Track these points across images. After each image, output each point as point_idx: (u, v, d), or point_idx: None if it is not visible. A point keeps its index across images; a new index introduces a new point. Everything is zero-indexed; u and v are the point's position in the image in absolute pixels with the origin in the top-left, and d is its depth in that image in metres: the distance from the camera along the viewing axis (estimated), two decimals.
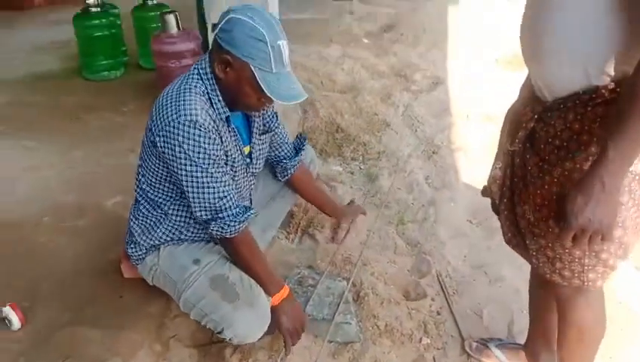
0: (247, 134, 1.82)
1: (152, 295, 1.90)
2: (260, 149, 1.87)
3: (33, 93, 3.77)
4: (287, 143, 2.03)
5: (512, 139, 1.40)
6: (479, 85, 4.01)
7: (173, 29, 3.33)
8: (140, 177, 1.75)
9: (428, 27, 5.29)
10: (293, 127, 3.33)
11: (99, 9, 4.07)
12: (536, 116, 1.30)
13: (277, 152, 2.02)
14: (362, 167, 3.09)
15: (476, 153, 3.17)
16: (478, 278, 2.25)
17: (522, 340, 1.83)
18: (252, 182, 1.89)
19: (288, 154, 2.04)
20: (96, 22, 4.04)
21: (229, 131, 1.67)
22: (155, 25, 4.07)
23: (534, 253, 1.38)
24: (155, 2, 4.28)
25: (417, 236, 2.48)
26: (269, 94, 1.50)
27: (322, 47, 4.67)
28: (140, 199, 1.78)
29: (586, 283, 1.32)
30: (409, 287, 2.17)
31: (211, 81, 1.59)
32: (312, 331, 1.90)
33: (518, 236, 1.47)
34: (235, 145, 1.71)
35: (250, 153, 1.83)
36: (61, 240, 2.21)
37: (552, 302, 1.64)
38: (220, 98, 1.60)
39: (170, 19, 3.33)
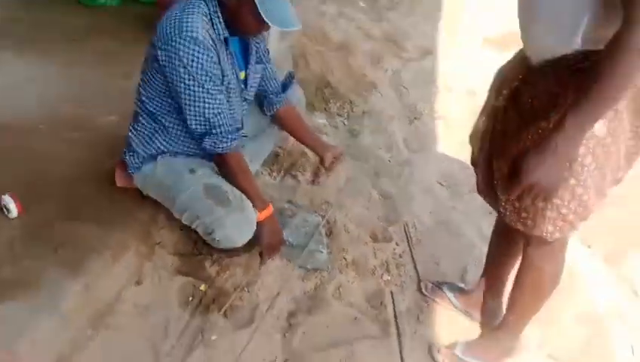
0: (243, 61, 1.93)
1: (141, 205, 2.04)
2: (253, 77, 1.98)
3: (31, 10, 3.77)
4: (275, 79, 2.12)
5: (496, 95, 1.55)
6: (466, 61, 4.16)
7: None
8: (141, 90, 1.86)
9: None
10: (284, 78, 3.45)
11: None
12: (521, 76, 1.44)
13: (265, 87, 2.11)
14: (346, 123, 3.25)
15: (456, 123, 3.34)
16: (439, 232, 2.46)
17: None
18: (244, 107, 2.02)
19: (276, 89, 2.13)
20: None
21: (227, 53, 1.79)
22: None
23: (503, 203, 1.52)
24: None
25: (390, 189, 2.68)
26: (265, 19, 1.62)
27: (319, 2, 4.74)
28: (139, 111, 1.90)
29: (544, 234, 1.46)
30: (377, 231, 2.36)
31: (214, 3, 1.71)
32: (286, 256, 2.08)
33: (489, 187, 1.60)
34: (232, 69, 1.83)
35: (246, 79, 1.95)
36: (57, 148, 2.30)
37: (509, 254, 1.85)
38: (221, 20, 1.72)
39: None
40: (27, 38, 3.31)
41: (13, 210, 1.87)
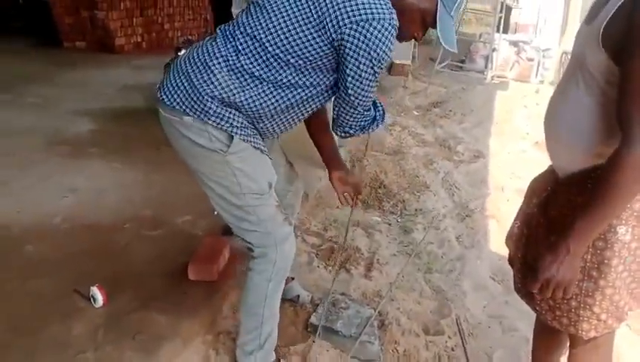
0: None
1: (208, 297, 2.26)
2: None
3: (120, 125, 4.33)
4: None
5: (528, 203, 1.73)
6: (517, 163, 4.32)
7: None
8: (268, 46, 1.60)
9: (475, 107, 5.70)
10: None
11: None
12: (549, 187, 1.62)
13: None
14: (399, 220, 3.42)
15: (506, 222, 3.42)
16: (493, 326, 2.49)
17: None
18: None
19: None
20: None
21: None
22: None
23: (538, 302, 1.62)
24: None
25: (442, 284, 2.77)
26: (438, 31, 1.62)
27: None
28: (245, 62, 1.63)
29: (580, 332, 1.54)
30: (429, 324, 2.44)
31: None
32: (338, 346, 2.20)
33: (526, 287, 1.69)
34: None
35: None
36: (138, 244, 2.61)
37: (552, 347, 1.91)
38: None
39: None
40: (115, 148, 3.78)
41: (99, 300, 2.13)
